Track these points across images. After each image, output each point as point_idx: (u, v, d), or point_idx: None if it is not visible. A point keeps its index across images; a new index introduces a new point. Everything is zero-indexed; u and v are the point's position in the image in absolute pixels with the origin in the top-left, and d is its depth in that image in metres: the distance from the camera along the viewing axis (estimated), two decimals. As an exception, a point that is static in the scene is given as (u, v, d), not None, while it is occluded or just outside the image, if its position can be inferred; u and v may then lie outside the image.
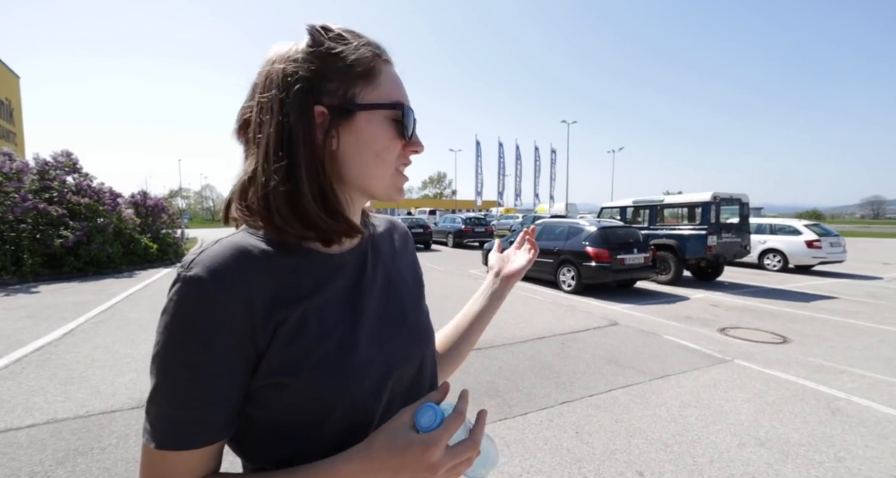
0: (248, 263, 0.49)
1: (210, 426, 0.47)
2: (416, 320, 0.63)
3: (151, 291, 7.68)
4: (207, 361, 0.46)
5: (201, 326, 0.45)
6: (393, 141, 0.54)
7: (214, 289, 0.46)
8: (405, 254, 0.71)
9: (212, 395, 0.46)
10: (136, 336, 4.77)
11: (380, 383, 0.55)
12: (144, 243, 11.50)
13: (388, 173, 0.55)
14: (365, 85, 0.52)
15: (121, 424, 2.81)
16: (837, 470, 2.36)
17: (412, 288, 0.67)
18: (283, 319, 0.49)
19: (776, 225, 10.88)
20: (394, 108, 0.54)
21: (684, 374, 3.77)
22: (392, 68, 0.57)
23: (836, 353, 4.36)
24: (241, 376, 0.48)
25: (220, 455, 0.51)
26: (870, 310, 6.35)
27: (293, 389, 0.49)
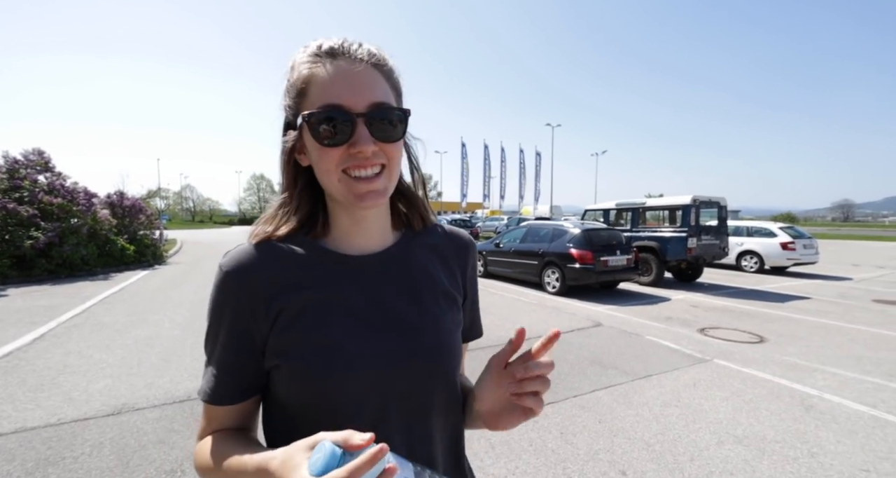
0: (262, 258, 0.58)
1: (217, 390, 0.57)
2: (431, 333, 0.60)
3: (128, 293, 7.45)
4: (225, 334, 0.57)
5: (218, 305, 0.57)
6: (321, 149, 0.53)
7: (227, 277, 0.56)
8: (450, 267, 0.68)
9: (221, 363, 0.57)
10: (112, 341, 4.62)
11: (366, 387, 0.54)
12: (121, 245, 11.16)
13: (333, 181, 0.55)
14: (302, 100, 0.55)
15: (95, 432, 2.71)
16: (811, 465, 2.44)
17: (441, 301, 0.64)
18: (284, 307, 0.56)
19: (753, 228, 11.21)
20: (303, 119, 0.53)
21: (666, 374, 3.84)
22: (334, 66, 0.53)
23: (809, 352, 4.50)
24: (246, 352, 0.56)
25: (247, 416, 0.61)
26: (841, 310, 6.59)
27: (285, 372, 0.55)
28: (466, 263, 0.71)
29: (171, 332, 4.98)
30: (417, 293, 0.62)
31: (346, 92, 0.53)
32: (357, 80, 0.53)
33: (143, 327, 5.18)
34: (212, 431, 0.59)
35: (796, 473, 2.37)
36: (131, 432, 2.71)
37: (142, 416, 2.93)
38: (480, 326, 0.77)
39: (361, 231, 0.62)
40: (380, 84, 0.55)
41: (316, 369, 0.53)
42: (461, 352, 0.66)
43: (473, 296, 0.74)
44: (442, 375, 0.61)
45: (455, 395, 0.64)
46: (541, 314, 6.17)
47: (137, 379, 3.57)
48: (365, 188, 0.54)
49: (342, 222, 0.62)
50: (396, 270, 0.62)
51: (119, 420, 2.87)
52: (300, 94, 0.55)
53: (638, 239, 8.97)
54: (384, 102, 0.54)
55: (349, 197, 0.55)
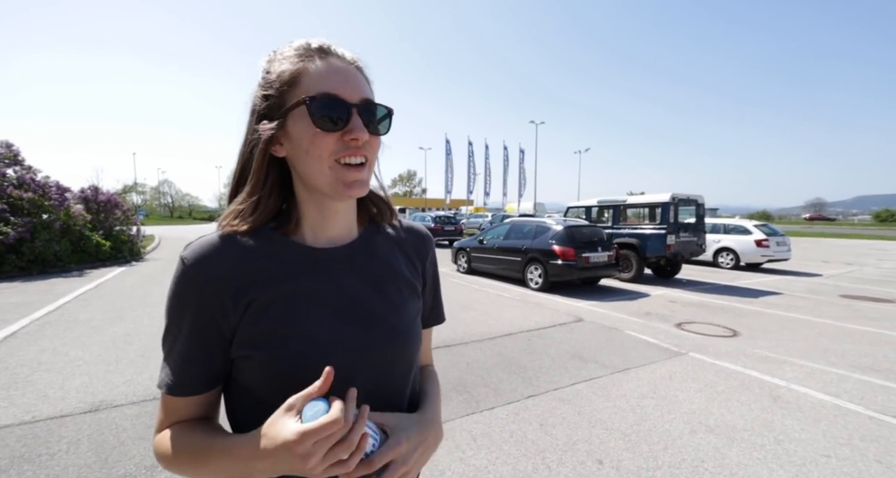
0: (227, 250, 0.58)
1: (182, 381, 0.58)
2: (394, 322, 0.64)
3: (104, 290, 7.26)
4: (184, 325, 0.57)
5: (181, 298, 0.57)
6: (317, 135, 0.55)
7: (192, 268, 0.56)
8: (411, 259, 0.72)
9: (186, 355, 0.57)
10: (88, 338, 4.51)
11: (337, 372, 0.57)
12: (96, 241, 10.83)
13: (324, 168, 0.56)
14: (291, 90, 0.56)
15: (72, 429, 2.66)
16: (776, 452, 2.56)
17: (403, 291, 0.68)
18: (254, 299, 0.57)
19: (729, 225, 11.55)
20: (301, 104, 0.55)
21: (643, 367, 3.96)
22: (326, 62, 0.57)
23: (779, 345, 4.69)
24: (212, 343, 0.57)
25: (209, 406, 0.62)
26: (810, 305, 6.86)
27: (256, 361, 0.56)
28: (426, 254, 0.75)
29: (150, 328, 4.88)
30: (381, 284, 0.65)
31: (341, 85, 0.56)
32: (350, 77, 0.57)
33: (121, 324, 5.07)
34: (170, 423, 0.60)
35: (763, 459, 2.49)
36: (110, 429, 2.67)
37: (120, 412, 2.89)
38: (443, 312, 0.82)
39: (330, 224, 0.64)
40: (365, 84, 0.60)
41: (289, 358, 0.56)
42: (421, 337, 0.71)
43: (434, 284, 0.78)
44: (405, 359, 0.65)
45: (415, 378, 0.70)
46: (523, 310, 6.26)
47: (115, 376, 3.51)
48: (353, 177, 0.57)
49: (311, 215, 0.63)
50: (362, 261, 0.65)
51: (97, 417, 2.82)
52: (288, 85, 0.56)
53: (619, 236, 9.15)
54: (372, 99, 0.59)
55: (338, 185, 0.57)
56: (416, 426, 0.60)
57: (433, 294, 0.78)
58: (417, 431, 0.59)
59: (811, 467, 2.42)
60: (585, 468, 2.38)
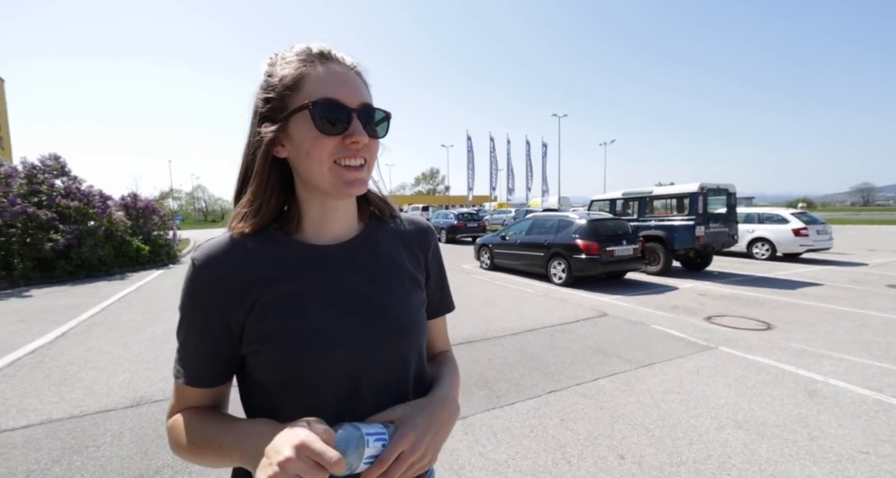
0: (233, 251, 0.62)
1: (198, 374, 0.62)
2: (397, 313, 0.66)
3: (144, 292, 7.67)
4: (196, 323, 0.61)
5: (191, 296, 0.61)
6: (318, 138, 0.57)
7: (201, 269, 0.60)
8: (413, 252, 0.74)
9: (199, 350, 0.62)
10: (129, 338, 4.80)
11: (342, 366, 0.60)
12: (136, 245, 11.45)
13: (324, 169, 0.59)
14: (293, 94, 0.59)
15: (115, 422, 2.85)
16: (810, 448, 2.46)
17: (406, 284, 0.70)
18: (259, 296, 0.60)
19: (764, 214, 11.03)
20: (304, 108, 0.57)
21: (669, 361, 3.87)
22: (327, 67, 0.59)
23: (817, 338, 4.47)
24: (221, 341, 0.61)
25: (220, 397, 0.66)
26: (852, 295, 6.49)
27: (265, 356, 0.60)
28: (428, 246, 0.77)
29: (186, 328, 5.13)
30: (384, 277, 0.68)
31: (342, 90, 0.59)
32: (350, 82, 0.60)
33: (159, 324, 5.35)
34: (182, 409, 0.63)
35: (795, 455, 2.39)
36: (149, 423, 2.84)
37: (159, 407, 3.07)
38: (451, 300, 0.84)
39: (331, 222, 0.66)
40: (364, 89, 0.62)
41: (295, 352, 0.58)
42: (426, 328, 0.73)
43: (439, 274, 0.80)
44: (409, 350, 0.67)
45: (422, 368, 0.71)
46: (547, 305, 6.21)
47: (154, 373, 3.72)
48: (353, 176, 0.60)
49: (313, 213, 0.65)
50: (364, 256, 0.68)
51: (137, 411, 3.01)
52: (290, 89, 0.58)
53: (645, 228, 8.90)
54: (371, 103, 0.62)
55: (338, 185, 0.59)
56: (425, 410, 0.61)
57: (439, 284, 0.80)
58: (427, 414, 0.61)
59: (847, 463, 2.31)
60: (606, 463, 2.35)
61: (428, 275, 0.76)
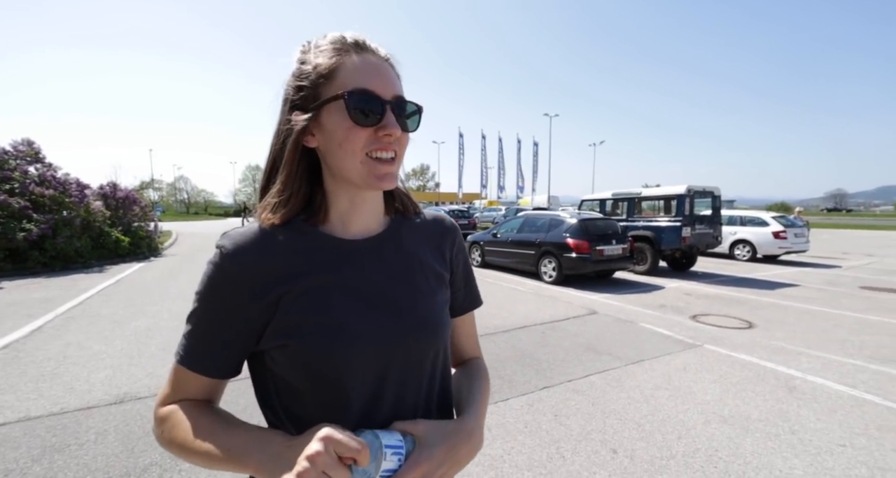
0: (261, 242, 0.60)
1: (207, 361, 0.59)
2: (422, 310, 0.65)
3: (125, 285, 7.46)
4: (214, 310, 0.59)
5: (213, 284, 0.58)
6: (351, 129, 0.56)
7: (227, 257, 0.58)
8: (438, 248, 0.73)
9: (213, 336, 0.59)
10: (111, 332, 4.66)
11: (369, 361, 0.59)
12: (115, 237, 11.11)
13: (356, 161, 0.58)
14: (327, 83, 0.57)
15: (98, 420, 2.77)
16: (791, 441, 2.55)
17: (431, 281, 0.69)
18: (287, 290, 0.58)
19: (746, 217, 11.34)
20: (338, 98, 0.56)
21: (657, 358, 3.95)
22: (362, 57, 0.58)
23: (795, 336, 4.63)
24: (237, 330, 0.59)
25: (217, 392, 0.63)
26: (827, 296, 6.73)
27: (292, 350, 0.58)
28: (453, 243, 0.76)
29: (170, 323, 5.01)
30: (409, 274, 0.67)
31: (377, 81, 0.58)
32: (384, 73, 0.59)
33: (142, 319, 5.21)
34: (177, 399, 0.60)
35: (777, 448, 2.48)
36: (135, 420, 2.77)
37: (144, 404, 2.99)
38: (479, 295, 0.83)
39: (358, 215, 0.65)
40: (398, 81, 0.61)
41: (323, 347, 0.57)
42: (450, 326, 0.72)
43: (465, 271, 0.79)
44: (434, 347, 0.66)
45: (446, 364, 0.70)
46: (537, 303, 6.26)
47: (138, 369, 3.62)
48: (385, 170, 0.59)
49: (341, 205, 0.64)
50: (389, 252, 0.67)
51: (122, 408, 2.92)
52: (324, 77, 0.57)
53: (633, 229, 9.05)
54: (404, 96, 0.60)
55: (369, 178, 0.59)
56: (447, 441, 0.57)
57: (465, 279, 0.79)
58: (448, 447, 0.57)
59: (826, 456, 2.40)
60: (599, 457, 2.39)
61: (453, 271, 0.76)
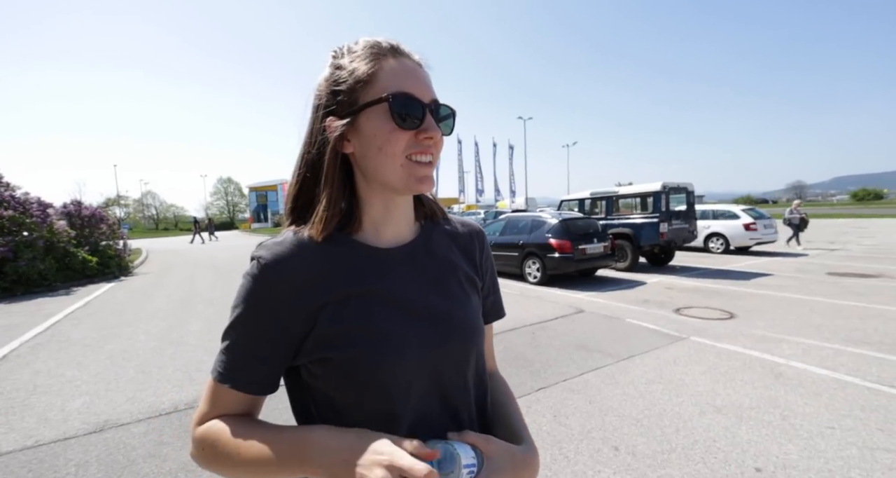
0: (299, 253, 0.58)
1: (248, 377, 0.57)
2: (459, 316, 0.64)
3: (94, 308, 7.10)
4: (253, 323, 0.57)
5: (252, 296, 0.57)
6: (393, 132, 0.56)
7: (266, 269, 0.57)
8: (468, 253, 0.73)
9: (252, 351, 0.57)
10: (84, 358, 4.41)
11: (413, 370, 0.58)
12: (82, 257, 10.58)
13: (396, 165, 0.57)
14: (366, 88, 0.57)
15: (78, 451, 2.60)
16: (783, 427, 2.62)
17: (465, 286, 0.68)
18: (327, 301, 0.58)
19: (718, 211, 11.76)
20: (381, 102, 0.56)
21: (647, 353, 4.01)
22: (399, 61, 0.58)
23: (774, 324, 4.80)
24: (278, 344, 0.57)
25: (255, 409, 0.62)
26: (799, 284, 7.02)
27: (336, 363, 0.57)
28: (483, 248, 0.76)
29: (148, 344, 4.79)
30: (444, 280, 0.66)
31: (417, 84, 0.58)
32: (422, 77, 0.59)
33: (116, 341, 4.96)
34: (214, 416, 0.59)
35: (771, 435, 2.54)
36: (118, 448, 2.61)
37: (127, 431, 2.83)
38: (502, 306, 0.81)
39: (391, 222, 0.65)
40: (432, 85, 0.61)
41: (368, 358, 0.56)
42: (484, 330, 0.70)
43: (492, 278, 0.77)
44: (472, 352, 0.65)
45: (482, 370, 0.69)
46: (524, 304, 6.29)
47: (117, 394, 3.43)
48: (424, 172, 0.59)
49: (374, 212, 0.63)
50: (423, 259, 0.66)
51: (103, 437, 2.76)
52: (363, 82, 0.57)
53: (613, 226, 9.24)
54: (439, 100, 0.60)
55: (410, 181, 0.58)
56: (513, 466, 0.57)
57: (493, 287, 0.78)
58: (513, 471, 0.57)
59: (818, 439, 2.48)
60: (602, 455, 2.40)
61: (483, 277, 0.75)
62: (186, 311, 6.51)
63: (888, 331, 4.38)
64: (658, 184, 8.79)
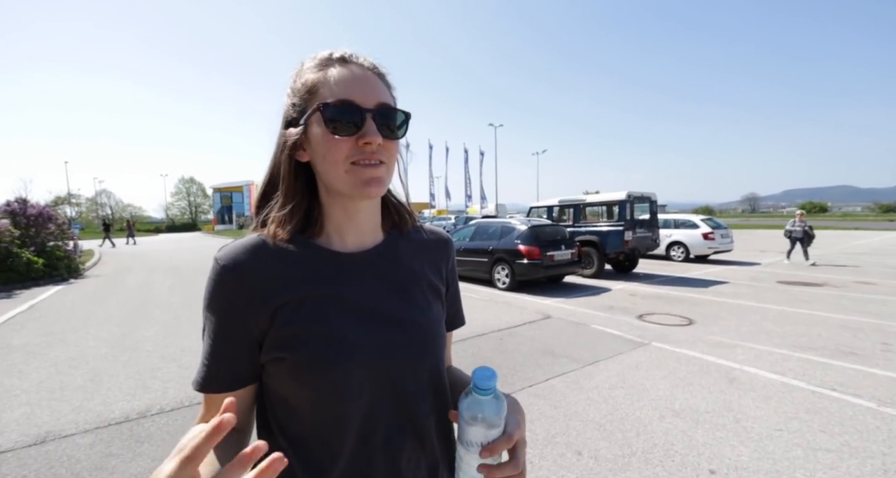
0: (257, 255, 0.60)
1: (212, 379, 0.59)
2: (419, 324, 0.65)
3: (39, 312, 6.63)
4: (216, 325, 0.59)
5: (214, 298, 0.58)
6: (330, 140, 0.57)
7: (223, 271, 0.58)
8: (434, 263, 0.73)
9: (218, 352, 0.59)
10: (25, 365, 4.10)
11: (366, 375, 0.58)
12: (26, 258, 9.87)
13: (341, 172, 0.58)
14: (312, 98, 0.59)
15: (15, 465, 2.41)
16: (736, 430, 2.75)
17: (427, 294, 0.69)
18: (284, 302, 0.58)
19: (678, 220, 12.29)
20: (316, 111, 0.57)
21: (611, 358, 4.13)
22: (344, 68, 0.59)
23: (730, 330, 5.05)
24: (240, 342, 0.58)
25: (242, 413, 0.61)
26: (752, 292, 7.42)
27: (288, 364, 0.57)
28: (449, 257, 0.77)
29: (99, 350, 4.51)
30: (406, 288, 0.66)
31: (357, 90, 0.58)
32: (366, 82, 0.59)
33: (62, 348, 4.65)
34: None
35: (725, 438, 2.66)
36: (60, 462, 2.44)
37: (71, 443, 2.65)
38: (463, 314, 0.82)
39: (354, 227, 0.65)
40: (384, 90, 0.61)
41: (320, 360, 0.56)
42: (445, 340, 0.71)
43: (454, 288, 0.79)
44: (430, 361, 0.66)
45: (441, 378, 0.69)
46: (493, 310, 6.35)
47: (61, 404, 3.21)
48: (369, 174, 0.58)
49: (336, 218, 0.64)
50: (386, 266, 0.66)
51: (43, 450, 2.57)
52: (310, 92, 0.59)
53: (580, 234, 9.49)
54: (389, 104, 0.60)
55: (356, 184, 0.58)
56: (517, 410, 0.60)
57: (455, 296, 0.79)
58: (519, 414, 0.59)
59: (767, 441, 2.62)
60: (566, 460, 2.44)
61: (447, 286, 0.76)
62: (142, 316, 6.18)
63: (830, 337, 4.70)
64: (623, 193, 9.11)
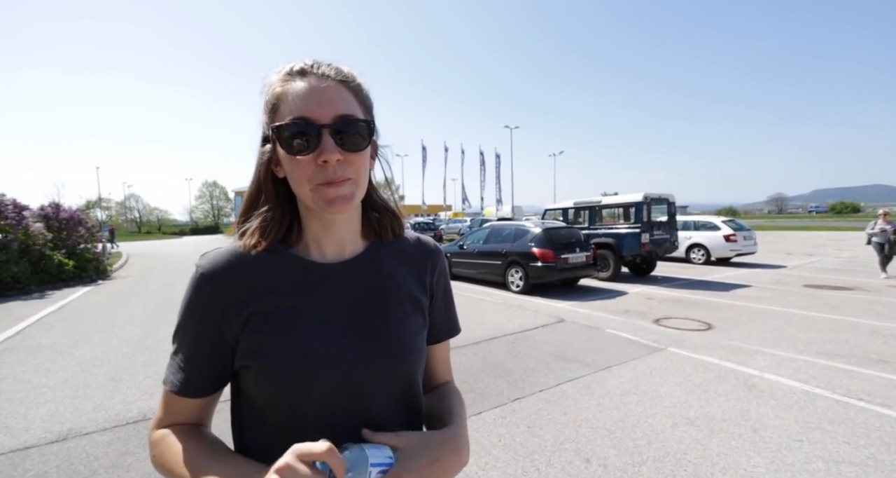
0: (234, 263, 0.61)
1: (185, 383, 0.60)
2: (393, 337, 0.63)
3: (68, 312, 6.91)
4: (190, 331, 0.60)
5: (191, 304, 0.60)
6: (292, 160, 0.56)
7: (201, 278, 0.60)
8: (418, 273, 0.72)
9: (190, 359, 0.60)
10: (52, 363, 4.28)
11: (330, 386, 0.58)
12: (58, 260, 10.31)
13: (306, 190, 0.57)
14: (275, 115, 0.58)
15: (37, 461, 2.51)
16: (753, 440, 2.66)
17: (406, 306, 0.67)
18: (256, 310, 0.59)
19: (699, 222, 11.97)
20: (272, 132, 0.57)
21: (625, 364, 4.04)
22: (302, 82, 0.57)
23: (750, 335, 4.88)
24: (216, 350, 0.60)
25: (206, 413, 0.64)
26: (777, 295, 7.17)
27: (254, 372, 0.59)
28: (435, 267, 0.74)
29: (121, 350, 4.67)
30: (383, 299, 0.65)
31: (313, 105, 0.56)
32: (323, 95, 0.56)
33: (88, 347, 4.83)
34: (169, 422, 0.62)
35: (741, 447, 2.57)
36: (80, 459, 2.53)
37: (91, 440, 2.74)
38: (456, 324, 0.80)
39: (331, 237, 0.65)
40: (346, 98, 0.58)
41: (283, 369, 0.57)
42: (423, 353, 0.69)
43: (445, 296, 0.77)
44: (403, 375, 0.64)
45: (414, 392, 0.68)
46: (506, 313, 6.30)
47: (84, 402, 3.33)
48: (333, 194, 0.56)
49: (313, 229, 0.65)
50: (364, 277, 0.66)
51: (65, 447, 2.67)
52: (273, 110, 0.59)
53: (595, 236, 9.34)
54: (349, 115, 0.57)
55: (321, 203, 0.57)
56: (430, 451, 0.56)
57: (445, 306, 0.77)
58: (430, 457, 0.56)
59: (786, 452, 2.51)
60: (574, 468, 2.40)
61: (432, 296, 0.74)
62: (163, 316, 6.37)
63: (859, 344, 4.49)
64: (640, 195, 8.93)
